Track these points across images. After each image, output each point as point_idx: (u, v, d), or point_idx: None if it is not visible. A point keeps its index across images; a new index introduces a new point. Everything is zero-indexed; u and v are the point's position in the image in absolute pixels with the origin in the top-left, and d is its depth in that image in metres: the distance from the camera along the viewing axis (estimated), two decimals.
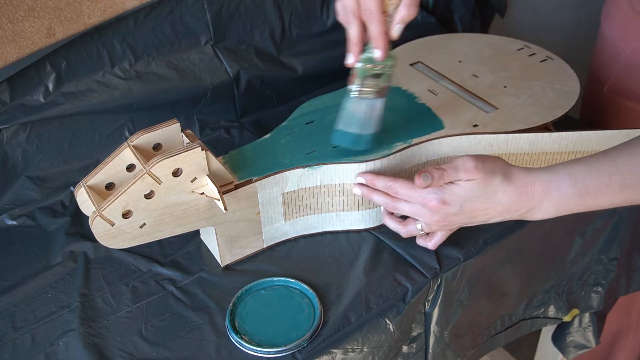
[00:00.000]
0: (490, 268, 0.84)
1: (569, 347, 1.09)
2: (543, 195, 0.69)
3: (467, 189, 0.70)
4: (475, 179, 0.69)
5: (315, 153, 0.79)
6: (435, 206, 0.71)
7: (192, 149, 0.68)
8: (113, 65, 0.94)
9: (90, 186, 0.71)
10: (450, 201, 0.70)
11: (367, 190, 0.77)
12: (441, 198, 0.70)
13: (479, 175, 0.69)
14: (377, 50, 0.71)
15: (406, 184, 0.73)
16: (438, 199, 0.70)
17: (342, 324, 0.72)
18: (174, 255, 0.81)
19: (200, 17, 0.99)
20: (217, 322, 0.73)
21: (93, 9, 0.90)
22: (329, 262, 0.80)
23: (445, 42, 1.04)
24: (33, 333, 0.72)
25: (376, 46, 0.71)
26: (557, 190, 0.69)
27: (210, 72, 1.02)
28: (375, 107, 0.77)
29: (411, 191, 0.72)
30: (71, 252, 0.83)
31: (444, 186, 0.71)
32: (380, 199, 0.76)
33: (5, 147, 0.90)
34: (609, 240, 0.97)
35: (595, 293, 1.02)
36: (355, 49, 0.72)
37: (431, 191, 0.71)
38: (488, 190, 0.69)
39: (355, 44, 0.72)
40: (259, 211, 0.78)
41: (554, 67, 0.96)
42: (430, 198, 0.71)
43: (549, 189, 0.69)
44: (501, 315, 0.93)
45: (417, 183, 0.69)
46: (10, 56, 0.86)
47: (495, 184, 0.69)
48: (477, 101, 0.89)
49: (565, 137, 0.84)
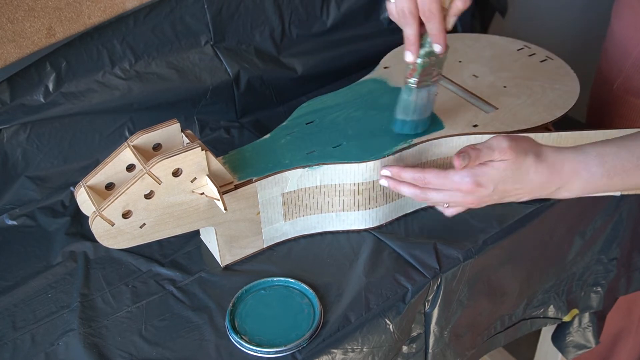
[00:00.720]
0: (490, 268, 0.84)
1: (568, 347, 1.09)
2: (572, 175, 0.71)
3: (501, 170, 0.70)
4: (509, 159, 0.70)
5: (315, 153, 0.79)
6: (469, 189, 0.71)
7: (192, 149, 0.68)
8: (113, 65, 0.94)
9: (90, 186, 0.71)
10: (485, 183, 0.71)
11: (394, 182, 0.76)
12: (475, 180, 0.71)
13: (511, 156, 0.70)
14: (438, 45, 0.73)
15: (437, 172, 0.73)
16: (472, 181, 0.71)
17: (342, 324, 0.72)
18: (174, 255, 0.81)
19: (200, 17, 0.99)
20: (217, 322, 0.73)
21: (93, 9, 0.90)
22: (329, 262, 0.80)
23: None
24: (33, 333, 0.73)
25: (437, 42, 0.73)
26: (585, 170, 0.70)
27: (210, 72, 1.02)
28: (432, 92, 0.80)
29: (443, 179, 0.72)
30: (71, 252, 0.83)
31: (475, 168, 0.71)
32: (409, 191, 0.75)
33: (6, 147, 0.90)
34: (609, 240, 0.97)
35: (595, 293, 1.02)
36: (414, 48, 0.74)
37: (464, 174, 0.71)
38: (521, 171, 0.71)
39: (413, 43, 0.73)
40: (259, 211, 0.78)
41: (554, 67, 0.96)
42: (465, 182, 0.71)
43: (578, 168, 0.70)
44: (501, 315, 0.93)
45: (456, 163, 0.70)
46: (10, 56, 0.86)
47: (528, 164, 0.70)
48: (477, 101, 0.89)
49: (565, 137, 0.84)
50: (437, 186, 0.73)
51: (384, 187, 0.80)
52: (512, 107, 0.87)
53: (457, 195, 0.73)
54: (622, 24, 1.02)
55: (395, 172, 0.76)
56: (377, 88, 0.92)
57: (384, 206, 0.82)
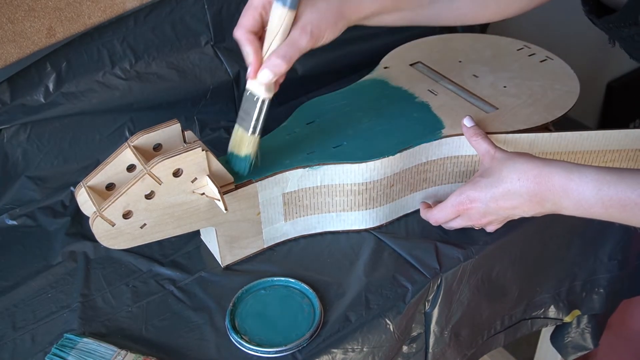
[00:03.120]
0: (490, 268, 0.84)
1: (567, 348, 1.09)
2: (562, 193, 0.67)
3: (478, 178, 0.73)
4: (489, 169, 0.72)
5: (315, 153, 0.79)
6: (467, 204, 0.73)
7: (192, 149, 0.68)
8: (113, 66, 0.94)
9: (91, 187, 0.71)
10: (474, 197, 0.73)
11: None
12: (468, 195, 0.73)
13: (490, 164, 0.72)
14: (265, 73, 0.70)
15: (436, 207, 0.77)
16: (466, 197, 0.73)
17: (342, 324, 0.72)
18: (174, 255, 0.81)
19: (201, 18, 0.99)
20: (217, 322, 0.73)
21: (93, 9, 0.90)
22: (329, 262, 0.80)
23: (445, 42, 1.04)
24: (33, 333, 0.73)
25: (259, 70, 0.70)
26: (577, 191, 0.66)
27: (211, 73, 1.02)
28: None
29: (442, 210, 0.76)
30: (71, 252, 0.83)
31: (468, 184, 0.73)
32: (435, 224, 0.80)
33: (6, 147, 0.90)
34: (610, 240, 0.97)
35: (596, 294, 1.02)
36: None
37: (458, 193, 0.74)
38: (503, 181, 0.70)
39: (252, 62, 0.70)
40: (260, 211, 0.78)
41: (554, 67, 0.96)
42: (460, 200, 0.73)
43: (568, 186, 0.66)
44: (501, 315, 0.93)
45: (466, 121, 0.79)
46: (10, 56, 0.86)
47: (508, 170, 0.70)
48: (477, 101, 0.89)
49: (565, 137, 0.84)
50: (444, 219, 0.77)
51: (384, 187, 0.80)
52: (513, 107, 0.87)
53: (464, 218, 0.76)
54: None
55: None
56: (377, 88, 0.92)
57: (384, 206, 0.82)
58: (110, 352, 0.68)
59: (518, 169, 0.70)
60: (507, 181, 0.70)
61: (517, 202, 0.71)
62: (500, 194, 0.71)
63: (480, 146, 0.77)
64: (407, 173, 0.82)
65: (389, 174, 0.80)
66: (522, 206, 0.71)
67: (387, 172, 0.79)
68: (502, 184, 0.71)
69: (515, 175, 0.70)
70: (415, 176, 0.83)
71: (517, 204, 0.71)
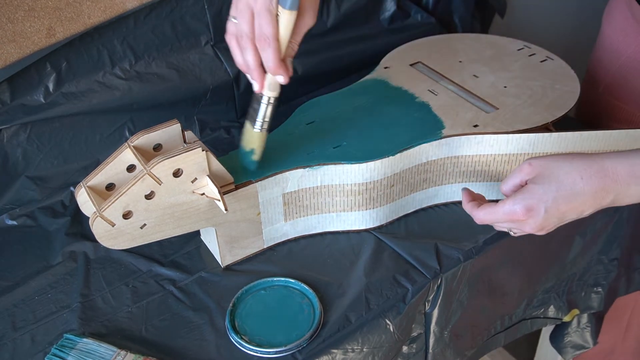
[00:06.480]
0: (490, 268, 0.84)
1: (566, 348, 1.09)
2: (630, 179, 0.66)
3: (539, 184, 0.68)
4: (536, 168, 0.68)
5: (315, 153, 0.79)
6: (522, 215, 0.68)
7: (192, 149, 0.68)
8: (113, 66, 0.94)
9: (91, 187, 0.71)
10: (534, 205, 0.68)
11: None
12: (525, 205, 0.68)
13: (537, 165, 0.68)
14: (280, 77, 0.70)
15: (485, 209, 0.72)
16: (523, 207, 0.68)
17: (342, 324, 0.72)
18: (174, 255, 0.81)
19: (201, 18, 0.99)
20: (217, 322, 0.73)
21: (93, 9, 0.90)
22: (329, 262, 0.80)
23: (445, 42, 1.04)
24: (33, 333, 0.73)
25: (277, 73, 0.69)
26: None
27: (211, 73, 1.02)
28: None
29: (492, 214, 0.71)
30: (71, 252, 0.83)
31: (517, 193, 0.69)
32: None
33: (6, 147, 0.90)
34: (610, 240, 0.97)
35: (595, 293, 1.02)
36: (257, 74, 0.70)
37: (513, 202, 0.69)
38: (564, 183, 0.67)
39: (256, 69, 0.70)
40: (260, 211, 0.78)
41: (554, 67, 0.96)
42: (515, 210, 0.68)
43: (634, 172, 0.66)
44: (501, 315, 0.93)
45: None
46: (10, 56, 0.86)
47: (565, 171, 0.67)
48: (477, 101, 0.89)
49: (566, 138, 0.84)
50: (491, 222, 0.72)
51: (384, 187, 0.80)
52: (513, 107, 0.87)
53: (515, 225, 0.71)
54: (612, 29, 1.02)
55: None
56: (377, 88, 0.92)
57: (385, 206, 0.82)
58: (110, 353, 0.68)
59: (577, 167, 0.67)
60: (568, 182, 0.67)
61: (578, 202, 0.68)
62: (563, 196, 0.67)
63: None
64: (407, 173, 0.82)
65: (389, 174, 0.80)
66: (582, 206, 0.68)
67: (387, 172, 0.79)
68: (564, 186, 0.67)
69: (577, 174, 0.67)
70: (416, 176, 0.83)
71: (578, 204, 0.68)
